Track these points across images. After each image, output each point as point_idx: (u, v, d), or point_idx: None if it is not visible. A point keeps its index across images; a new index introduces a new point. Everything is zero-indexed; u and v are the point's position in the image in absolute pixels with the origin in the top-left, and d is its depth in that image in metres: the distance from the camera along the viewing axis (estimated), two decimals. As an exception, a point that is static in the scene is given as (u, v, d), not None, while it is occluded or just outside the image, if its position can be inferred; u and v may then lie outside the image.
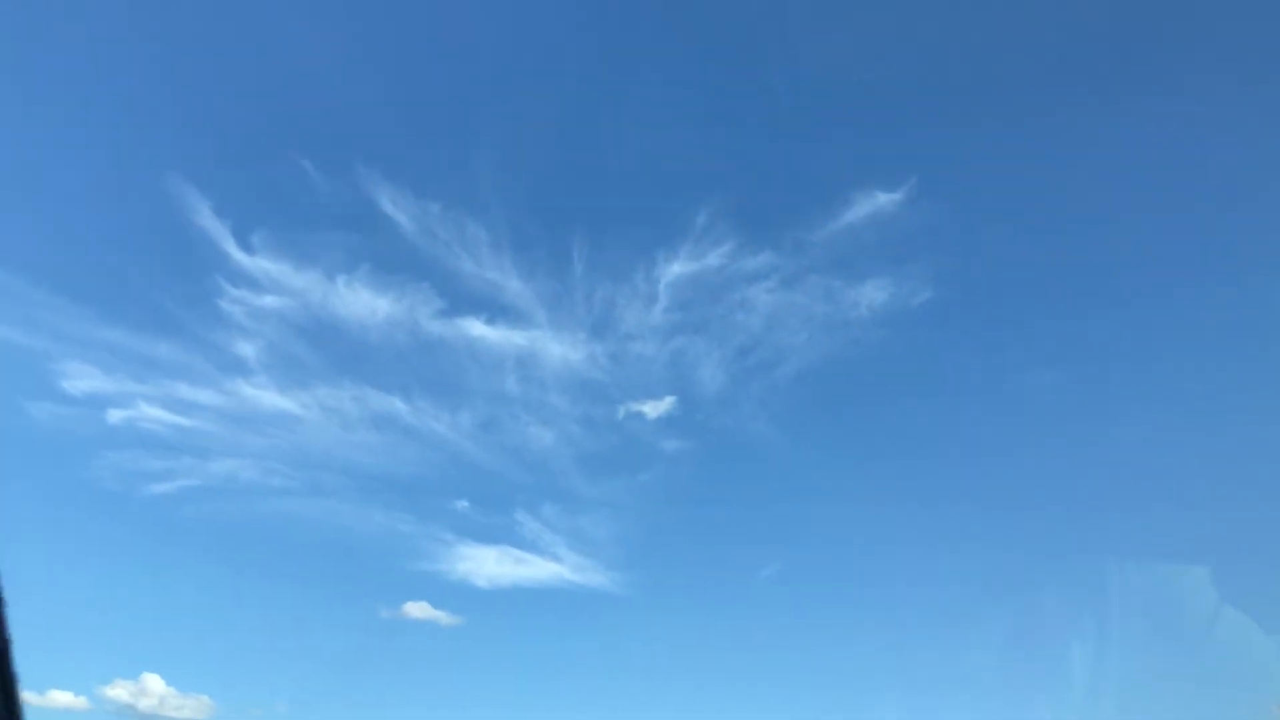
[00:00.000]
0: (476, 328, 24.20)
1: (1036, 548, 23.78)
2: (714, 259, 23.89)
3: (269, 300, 23.19)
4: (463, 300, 24.72)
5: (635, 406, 23.96)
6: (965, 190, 25.22)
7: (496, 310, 24.45)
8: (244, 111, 24.53)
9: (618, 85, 24.98)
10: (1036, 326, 25.54)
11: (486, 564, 23.21)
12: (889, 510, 25.10)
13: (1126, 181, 24.52)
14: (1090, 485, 24.02)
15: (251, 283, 22.94)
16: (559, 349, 24.55)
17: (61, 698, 19.53)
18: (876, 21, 22.96)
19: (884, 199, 22.94)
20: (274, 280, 23.19)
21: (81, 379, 21.82)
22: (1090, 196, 24.84)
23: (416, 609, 22.62)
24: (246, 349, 23.16)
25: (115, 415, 22.06)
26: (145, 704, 19.55)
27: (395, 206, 23.29)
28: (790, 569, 24.60)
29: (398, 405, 24.52)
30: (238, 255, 22.70)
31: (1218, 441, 22.48)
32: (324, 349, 24.30)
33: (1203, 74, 22.45)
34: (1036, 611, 21.22)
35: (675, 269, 23.99)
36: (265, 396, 23.26)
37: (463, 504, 24.43)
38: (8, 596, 2.73)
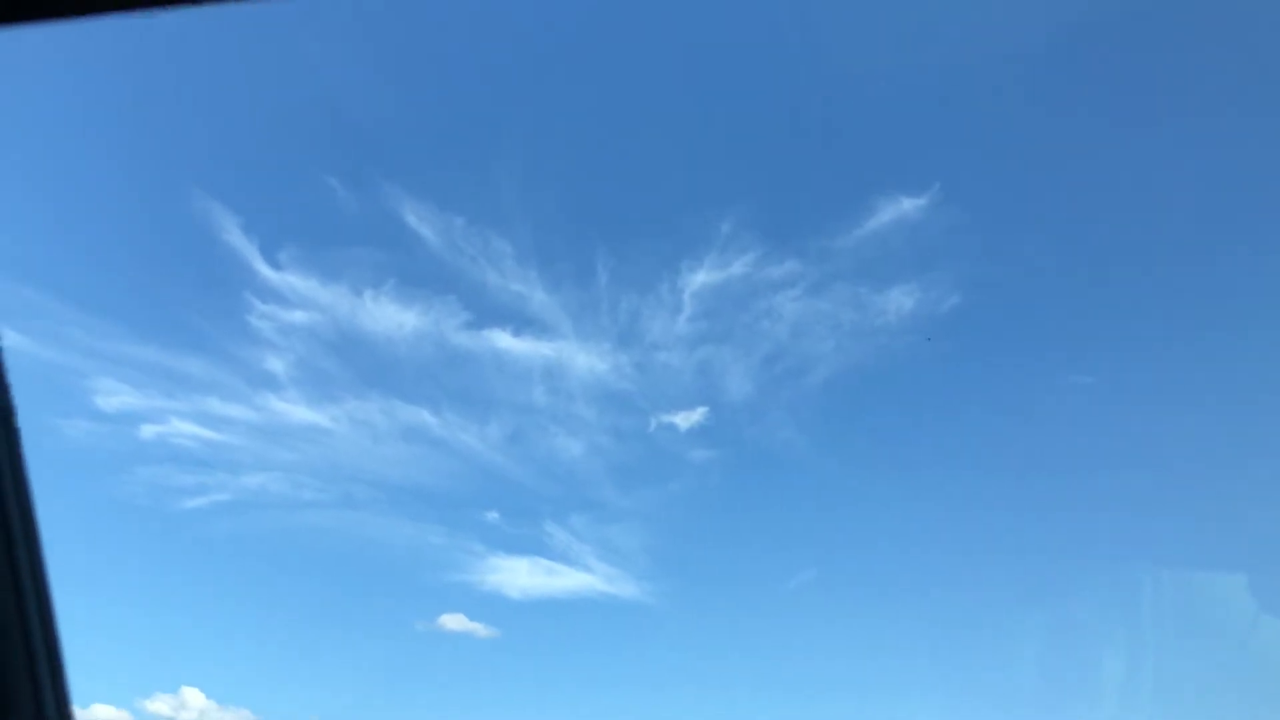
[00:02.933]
0: (503, 339, 24.58)
1: (1070, 555, 23.43)
2: (739, 268, 23.97)
3: (297, 315, 23.79)
4: (488, 312, 25.11)
5: (667, 418, 24.07)
6: (991, 193, 25.03)
7: (522, 322, 24.78)
8: (270, 129, 25.10)
9: (639, 95, 25.20)
10: (1067, 331, 25.22)
11: (518, 575, 23.42)
12: (919, 517, 24.90)
13: (1156, 182, 24.22)
14: (1124, 491, 23.64)
15: (280, 298, 23.57)
16: (585, 359, 24.77)
17: (103, 712, 19.95)
18: (899, 26, 22.95)
19: (909, 204, 22.87)
20: (302, 296, 23.80)
21: (114, 395, 22.45)
22: (1120, 197, 24.56)
23: (453, 621, 22.88)
24: (276, 364, 23.75)
25: (148, 431, 22.68)
26: (185, 717, 19.91)
27: (420, 221, 23.76)
28: (821, 577, 24.53)
29: (426, 417, 24.94)
30: (266, 271, 23.32)
31: (1255, 447, 22.06)
32: (352, 363, 24.82)
33: (1236, 79, 22.14)
34: (1070, 620, 20.90)
35: (700, 278, 24.11)
36: (295, 410, 23.79)
37: (493, 515, 24.73)
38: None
